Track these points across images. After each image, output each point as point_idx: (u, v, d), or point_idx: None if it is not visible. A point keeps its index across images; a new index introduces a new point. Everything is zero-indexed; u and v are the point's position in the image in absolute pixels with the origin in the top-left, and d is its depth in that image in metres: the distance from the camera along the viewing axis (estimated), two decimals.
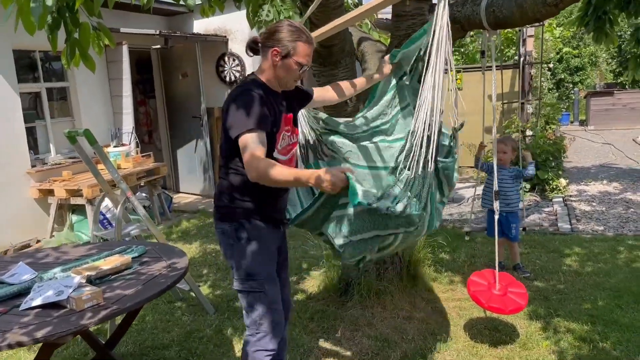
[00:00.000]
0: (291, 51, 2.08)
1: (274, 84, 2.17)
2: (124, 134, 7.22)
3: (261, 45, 2.15)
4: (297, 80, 2.20)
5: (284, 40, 2.08)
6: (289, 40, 2.08)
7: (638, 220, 5.45)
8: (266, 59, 2.13)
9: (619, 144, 10.97)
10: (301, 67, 2.12)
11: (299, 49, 2.09)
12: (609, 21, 5.06)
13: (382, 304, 3.57)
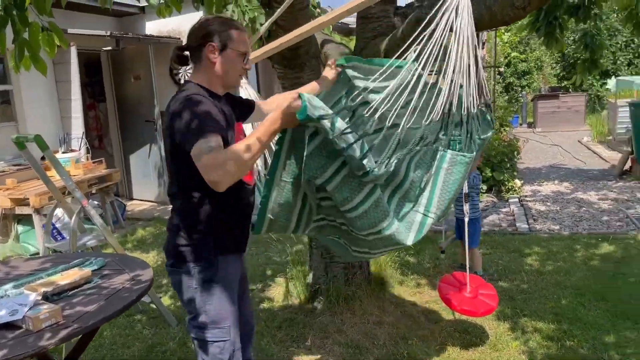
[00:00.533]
0: (228, 42, 1.87)
1: (216, 87, 1.93)
2: (74, 139, 6.91)
3: (191, 49, 1.93)
4: (242, 74, 1.97)
5: (216, 33, 1.86)
6: (222, 31, 1.87)
7: (591, 219, 5.63)
8: (201, 60, 1.90)
9: (566, 145, 11.39)
10: (243, 56, 1.91)
11: (235, 36, 1.88)
12: (559, 26, 5.22)
13: (351, 309, 3.52)
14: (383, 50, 3.15)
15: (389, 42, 3.13)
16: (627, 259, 4.31)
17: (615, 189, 7.01)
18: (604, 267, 4.18)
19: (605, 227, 5.33)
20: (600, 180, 7.63)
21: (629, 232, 5.07)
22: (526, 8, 2.48)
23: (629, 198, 6.44)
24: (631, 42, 16.03)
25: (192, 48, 1.92)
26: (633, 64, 16.44)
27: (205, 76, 1.91)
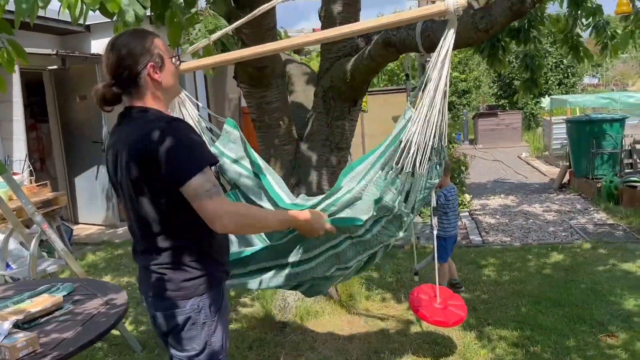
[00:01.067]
0: (160, 53, 1.69)
1: (165, 107, 1.76)
2: (15, 162, 6.60)
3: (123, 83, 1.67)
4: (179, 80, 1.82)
5: (146, 50, 1.66)
6: (148, 45, 1.67)
7: (538, 230, 5.92)
8: (142, 86, 1.67)
9: (507, 160, 11.92)
10: (175, 60, 1.76)
11: (160, 45, 1.70)
12: (501, 48, 5.52)
13: (321, 325, 3.53)
14: (349, 69, 3.23)
15: (355, 62, 3.22)
16: (575, 267, 4.55)
17: (557, 201, 7.41)
18: (556, 275, 4.40)
19: (552, 237, 5.62)
20: (542, 193, 8.04)
21: (574, 241, 5.36)
22: (489, 31, 2.62)
23: (570, 209, 6.81)
24: (560, 63, 17.08)
25: (125, 80, 1.67)
26: (563, 84, 17.49)
27: (155, 99, 1.71)
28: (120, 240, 6.61)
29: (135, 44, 1.66)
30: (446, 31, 1.98)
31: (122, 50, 1.66)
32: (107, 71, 1.70)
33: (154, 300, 1.78)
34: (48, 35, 7.39)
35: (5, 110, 6.51)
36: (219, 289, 1.79)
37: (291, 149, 3.60)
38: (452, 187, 4.18)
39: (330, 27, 3.42)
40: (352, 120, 3.56)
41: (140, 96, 1.70)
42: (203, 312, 1.73)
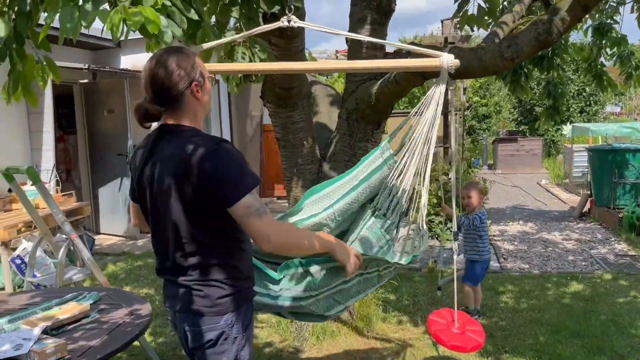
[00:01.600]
0: (202, 72, 1.75)
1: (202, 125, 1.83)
2: (43, 172, 6.76)
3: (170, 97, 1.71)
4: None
5: (191, 68, 1.71)
6: (193, 64, 1.72)
7: (558, 259, 5.86)
8: (184, 104, 1.72)
9: (526, 187, 11.84)
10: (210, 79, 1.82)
11: (200, 64, 1.77)
12: (524, 75, 5.55)
13: (337, 345, 3.54)
14: (374, 93, 3.29)
15: (380, 85, 3.28)
16: (595, 297, 4.50)
17: (577, 229, 7.34)
18: (575, 304, 4.35)
19: (572, 266, 5.56)
20: (562, 221, 7.96)
21: (595, 271, 5.30)
22: (515, 60, 2.67)
23: (590, 239, 6.74)
24: (582, 91, 17.01)
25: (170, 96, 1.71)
26: (585, 111, 17.39)
27: (195, 117, 1.77)
28: (140, 252, 6.71)
29: (181, 62, 1.70)
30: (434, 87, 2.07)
31: (168, 68, 1.69)
32: (148, 87, 1.73)
33: (186, 315, 1.79)
34: (80, 50, 7.61)
35: (36, 121, 6.70)
36: (248, 304, 1.83)
37: (314, 168, 3.65)
38: (484, 211, 4.19)
39: (357, 52, 3.55)
40: (375, 142, 3.61)
41: (180, 113, 1.74)
42: (235, 327, 1.76)
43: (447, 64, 2.04)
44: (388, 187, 2.27)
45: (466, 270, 4.22)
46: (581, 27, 5.76)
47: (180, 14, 2.41)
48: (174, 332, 1.98)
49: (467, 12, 3.21)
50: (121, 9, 2.04)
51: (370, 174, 2.29)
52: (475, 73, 2.82)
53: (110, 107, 7.53)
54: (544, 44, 2.64)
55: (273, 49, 3.24)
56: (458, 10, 3.18)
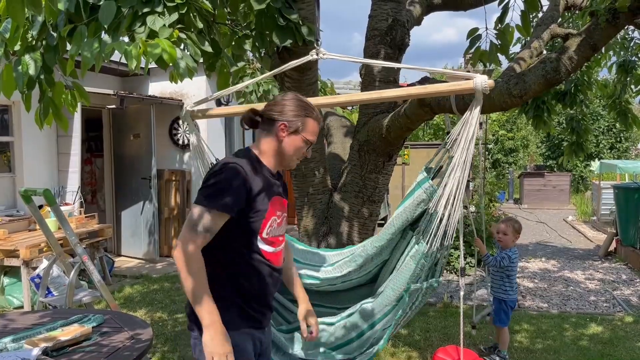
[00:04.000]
0: (300, 127, 1.90)
1: (272, 162, 1.96)
2: (68, 193, 6.95)
3: (263, 118, 1.95)
4: (300, 159, 1.99)
5: (293, 114, 1.90)
6: (299, 115, 1.90)
7: (578, 299, 5.70)
8: (269, 132, 1.93)
9: (551, 222, 11.60)
10: (309, 144, 1.95)
11: (309, 125, 1.92)
12: (546, 110, 5.51)
13: None
14: (385, 125, 3.32)
15: (391, 118, 3.31)
16: (614, 341, 4.34)
17: (601, 269, 7.13)
18: (593, 347, 4.21)
19: (592, 307, 5.40)
20: (586, 260, 7.76)
21: (616, 313, 5.13)
22: (522, 97, 2.67)
23: (614, 279, 6.54)
24: (613, 127, 16.73)
25: (266, 117, 1.95)
26: (615, 148, 17.07)
27: (267, 148, 1.95)
28: (157, 275, 6.78)
29: (292, 105, 1.93)
30: (471, 107, 2.05)
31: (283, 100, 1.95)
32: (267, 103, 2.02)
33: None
34: (110, 76, 7.88)
35: (64, 144, 6.92)
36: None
37: (325, 198, 3.67)
38: (515, 249, 4.05)
39: (370, 84, 3.60)
40: (386, 174, 3.62)
41: (261, 138, 1.96)
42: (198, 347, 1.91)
43: (482, 85, 2.03)
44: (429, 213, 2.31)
45: (495, 312, 4.08)
46: (605, 64, 5.73)
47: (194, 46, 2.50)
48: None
49: (479, 49, 3.23)
50: (140, 42, 2.14)
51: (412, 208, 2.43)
52: (484, 109, 2.80)
53: (137, 132, 7.74)
54: (552, 82, 2.63)
55: (286, 80, 3.31)
56: (470, 46, 3.21)
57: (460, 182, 2.12)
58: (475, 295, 5.76)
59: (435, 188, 2.32)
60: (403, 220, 2.44)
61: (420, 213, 2.40)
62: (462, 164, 2.11)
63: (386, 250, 2.58)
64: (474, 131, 2.08)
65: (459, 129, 2.12)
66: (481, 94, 2.01)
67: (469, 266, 6.84)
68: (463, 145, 2.10)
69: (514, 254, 4.00)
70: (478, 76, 2.04)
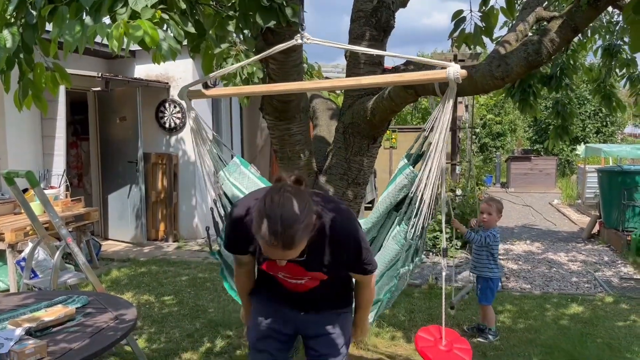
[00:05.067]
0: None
1: None
2: (54, 176, 6.90)
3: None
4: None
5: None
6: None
7: (561, 280, 5.80)
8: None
9: (537, 206, 11.73)
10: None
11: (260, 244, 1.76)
12: (532, 94, 5.53)
13: None
14: (370, 108, 3.33)
15: (376, 101, 3.32)
16: (594, 320, 4.44)
17: (584, 251, 7.25)
18: (573, 326, 4.30)
19: (574, 288, 5.50)
20: (570, 242, 7.87)
21: (597, 294, 5.23)
22: (505, 79, 2.68)
23: (596, 261, 6.66)
24: (599, 111, 16.86)
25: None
26: (601, 132, 17.22)
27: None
28: (145, 259, 6.78)
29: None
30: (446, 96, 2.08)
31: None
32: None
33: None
34: (95, 58, 7.78)
35: (49, 127, 6.85)
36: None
37: (310, 181, 3.68)
38: (497, 229, 4.18)
39: (355, 67, 3.59)
40: (371, 157, 3.64)
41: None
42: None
43: (454, 74, 2.04)
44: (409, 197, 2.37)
45: (481, 290, 4.16)
46: (591, 48, 5.76)
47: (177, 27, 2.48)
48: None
49: (464, 31, 3.23)
50: (121, 23, 2.12)
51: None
52: (466, 91, 2.84)
53: (123, 115, 7.67)
54: (533, 65, 2.65)
55: (271, 62, 3.30)
56: (455, 28, 3.21)
57: (436, 166, 2.17)
58: (458, 277, 5.84)
59: (416, 174, 2.37)
60: (387, 205, 2.50)
61: (402, 197, 2.44)
62: (438, 149, 2.15)
63: (373, 230, 2.64)
64: (448, 118, 2.12)
65: (435, 116, 2.16)
66: (454, 83, 2.04)
67: (454, 249, 6.92)
68: (439, 132, 2.15)
69: (497, 233, 4.12)
70: (452, 66, 2.06)
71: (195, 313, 4.66)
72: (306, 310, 2.14)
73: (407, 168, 2.41)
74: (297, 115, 3.61)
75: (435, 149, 2.16)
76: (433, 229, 6.96)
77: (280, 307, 2.15)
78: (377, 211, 2.56)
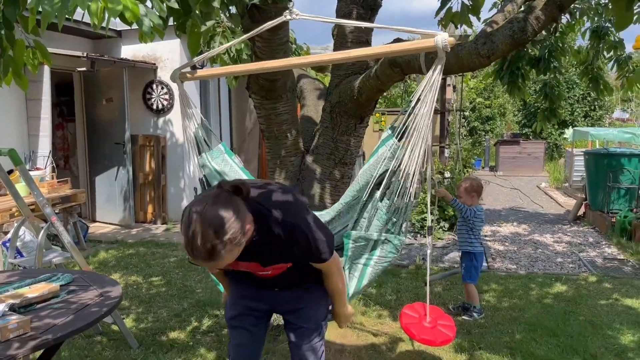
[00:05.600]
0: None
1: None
2: (39, 157, 6.84)
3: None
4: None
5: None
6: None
7: (546, 260, 5.87)
8: None
9: (525, 189, 11.82)
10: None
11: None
12: (521, 76, 5.54)
13: None
14: (357, 87, 3.32)
15: (362, 80, 3.30)
16: (577, 299, 4.51)
17: (570, 232, 7.33)
18: (556, 305, 4.36)
19: (559, 268, 5.57)
20: (556, 224, 7.96)
21: (581, 273, 5.31)
22: (490, 57, 2.68)
23: (581, 242, 6.74)
24: (587, 95, 16.94)
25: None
26: (589, 116, 17.31)
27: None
28: (133, 241, 6.77)
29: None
30: (434, 65, 2.05)
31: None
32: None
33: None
34: (81, 38, 7.67)
35: (34, 108, 6.77)
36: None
37: (297, 160, 3.68)
38: (481, 208, 4.26)
39: (342, 45, 3.58)
40: (358, 136, 3.64)
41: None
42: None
43: (443, 42, 2.01)
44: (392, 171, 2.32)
45: (466, 269, 4.23)
46: (579, 30, 5.76)
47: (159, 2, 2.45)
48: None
49: (450, 10, 3.22)
50: None
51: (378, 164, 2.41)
52: (453, 69, 2.83)
53: (109, 96, 7.59)
54: (519, 42, 2.64)
55: (257, 40, 3.27)
56: (441, 7, 3.19)
57: (421, 139, 2.14)
58: (445, 258, 5.89)
59: (399, 146, 2.33)
60: (367, 177, 2.44)
61: (383, 170, 2.39)
62: (423, 122, 2.12)
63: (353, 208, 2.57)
64: (436, 89, 2.10)
65: (423, 87, 2.13)
66: (443, 52, 2.01)
67: (442, 230, 6.98)
68: (427, 104, 2.12)
69: (479, 210, 4.19)
70: (439, 34, 2.04)
71: (183, 293, 4.68)
72: (279, 287, 2.17)
73: (391, 139, 2.36)
74: (284, 95, 3.59)
75: (421, 121, 2.14)
76: (421, 211, 7.00)
77: (254, 287, 2.19)
78: (357, 184, 2.49)
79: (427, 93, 2.10)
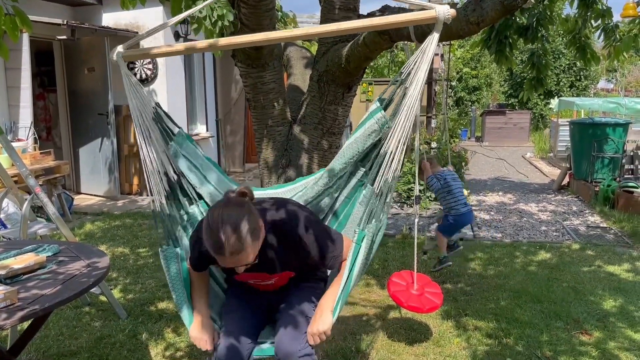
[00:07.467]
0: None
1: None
2: (21, 129, 6.71)
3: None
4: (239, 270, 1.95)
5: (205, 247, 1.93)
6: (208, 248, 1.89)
7: (530, 229, 5.95)
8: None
9: (511, 159, 11.92)
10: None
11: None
12: (509, 45, 5.50)
13: None
14: (345, 55, 3.27)
15: (350, 48, 3.25)
16: (561, 266, 4.59)
17: (554, 201, 7.43)
18: (540, 272, 4.44)
19: (543, 236, 5.66)
20: (541, 194, 8.06)
21: (564, 241, 5.40)
22: (480, 24, 2.64)
23: (565, 210, 6.84)
24: (573, 65, 16.96)
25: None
26: (575, 86, 17.37)
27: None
28: (119, 212, 6.73)
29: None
30: (430, 37, 2.00)
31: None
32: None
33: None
34: (60, 5, 7.45)
35: (13, 77, 6.61)
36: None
37: (284, 130, 3.64)
38: (442, 171, 4.27)
39: (330, 12, 3.51)
40: (346, 105, 3.60)
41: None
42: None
43: (445, 14, 1.96)
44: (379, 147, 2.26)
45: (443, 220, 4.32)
46: None
47: None
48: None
49: None
50: None
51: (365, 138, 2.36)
52: (441, 37, 2.78)
53: (91, 66, 7.43)
54: (508, 9, 2.60)
55: (242, 6, 3.19)
56: None
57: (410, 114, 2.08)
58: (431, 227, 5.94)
59: (387, 119, 2.27)
60: (354, 151, 2.34)
61: (371, 145, 2.34)
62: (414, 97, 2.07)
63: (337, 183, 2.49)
64: (429, 61, 2.05)
65: (415, 58, 2.07)
66: (442, 24, 1.96)
67: (429, 200, 7.02)
68: (418, 75, 2.06)
69: (441, 175, 4.20)
70: (439, 6, 1.99)
71: None
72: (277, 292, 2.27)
73: (379, 112, 2.30)
74: (271, 63, 3.53)
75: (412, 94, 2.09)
76: (407, 181, 7.03)
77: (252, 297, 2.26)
78: (342, 157, 2.39)
79: (420, 65, 2.05)
